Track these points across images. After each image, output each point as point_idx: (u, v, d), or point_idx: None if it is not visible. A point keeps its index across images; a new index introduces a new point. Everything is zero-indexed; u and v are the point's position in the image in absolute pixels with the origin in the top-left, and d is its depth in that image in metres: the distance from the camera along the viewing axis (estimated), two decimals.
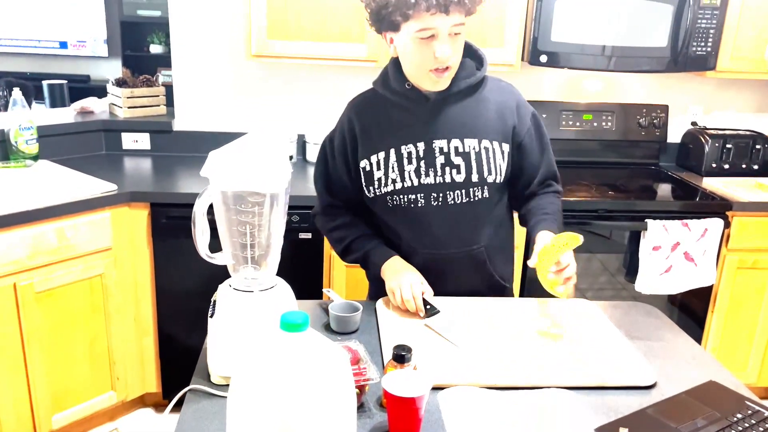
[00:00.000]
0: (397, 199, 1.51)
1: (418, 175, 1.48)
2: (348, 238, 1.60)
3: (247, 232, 1.18)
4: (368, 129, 1.52)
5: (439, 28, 1.34)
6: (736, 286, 2.65)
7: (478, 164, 1.47)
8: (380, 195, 1.52)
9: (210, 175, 1.14)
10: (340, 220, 1.62)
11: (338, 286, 2.47)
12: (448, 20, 1.33)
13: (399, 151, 1.48)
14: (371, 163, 1.51)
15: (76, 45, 5.70)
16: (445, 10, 1.31)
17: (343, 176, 1.57)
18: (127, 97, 2.83)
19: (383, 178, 1.50)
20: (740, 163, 2.89)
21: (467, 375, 1.23)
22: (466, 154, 1.47)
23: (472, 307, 1.51)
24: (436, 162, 1.47)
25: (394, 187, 1.49)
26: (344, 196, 1.60)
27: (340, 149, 1.56)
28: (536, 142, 1.55)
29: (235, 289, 1.21)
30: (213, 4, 2.75)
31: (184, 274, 2.39)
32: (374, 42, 2.50)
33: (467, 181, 1.48)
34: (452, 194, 1.48)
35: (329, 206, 1.63)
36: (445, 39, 1.35)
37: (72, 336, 2.23)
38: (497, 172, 1.50)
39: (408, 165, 1.48)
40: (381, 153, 1.50)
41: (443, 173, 1.47)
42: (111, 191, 2.25)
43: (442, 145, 1.47)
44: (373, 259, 1.57)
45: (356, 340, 1.36)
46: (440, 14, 1.31)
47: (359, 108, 1.56)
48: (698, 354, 1.40)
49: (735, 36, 2.65)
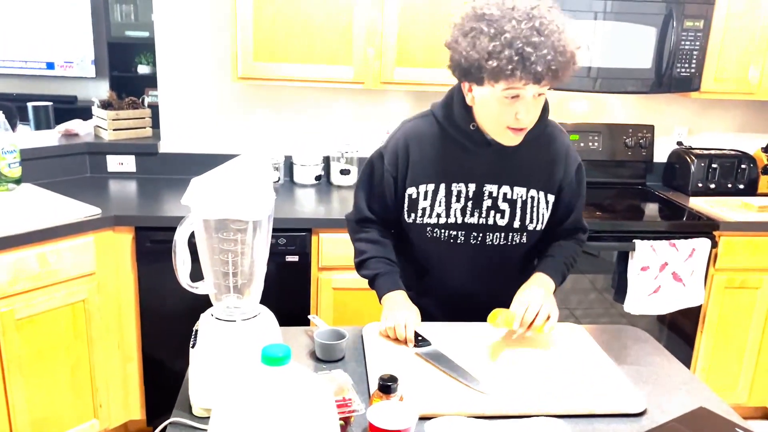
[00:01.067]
0: (438, 232, 1.52)
1: (463, 214, 1.50)
2: (367, 254, 1.60)
3: (229, 260, 1.16)
4: (423, 158, 1.50)
5: (525, 91, 1.32)
6: (725, 305, 2.65)
7: (522, 212, 1.50)
8: (420, 224, 1.53)
9: (191, 203, 1.12)
10: (369, 233, 1.62)
11: (326, 309, 2.45)
12: (537, 87, 1.32)
13: (449, 188, 1.49)
14: (419, 192, 1.51)
15: (63, 66, 5.67)
16: (537, 81, 1.29)
17: (387, 194, 1.56)
18: (113, 119, 2.81)
19: (428, 209, 1.51)
20: (726, 182, 2.91)
21: (454, 404, 1.21)
22: (513, 201, 1.49)
23: (457, 333, 1.49)
24: (483, 204, 1.49)
25: (438, 221, 1.51)
26: (382, 213, 1.60)
27: (390, 169, 1.54)
28: (574, 193, 1.57)
29: (217, 319, 1.18)
30: (199, 26, 2.75)
31: (169, 298, 2.35)
32: (361, 64, 2.50)
33: (509, 227, 1.50)
34: (491, 236, 1.51)
35: (364, 219, 1.63)
36: (529, 102, 1.34)
37: (54, 363, 2.18)
38: (539, 221, 1.53)
39: (455, 203, 1.49)
40: (431, 185, 1.50)
41: (487, 216, 1.50)
42: (95, 215, 2.22)
43: (492, 189, 1.49)
44: (379, 283, 1.58)
45: (342, 369, 1.34)
46: (532, 84, 1.30)
47: (417, 135, 1.52)
48: (688, 379, 1.39)
49: (718, 57, 2.67)
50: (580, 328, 1.56)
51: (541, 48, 1.26)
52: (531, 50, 1.25)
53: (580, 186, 1.57)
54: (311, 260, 2.40)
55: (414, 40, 2.50)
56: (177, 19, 2.73)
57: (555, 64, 1.27)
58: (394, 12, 2.46)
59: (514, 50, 1.26)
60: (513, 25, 1.27)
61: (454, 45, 1.36)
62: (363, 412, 1.12)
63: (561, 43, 1.28)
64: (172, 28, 2.74)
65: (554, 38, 1.27)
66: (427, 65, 2.53)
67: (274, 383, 0.88)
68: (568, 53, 1.29)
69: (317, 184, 2.87)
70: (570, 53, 1.30)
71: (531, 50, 1.25)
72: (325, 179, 2.93)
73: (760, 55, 2.69)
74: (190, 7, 2.72)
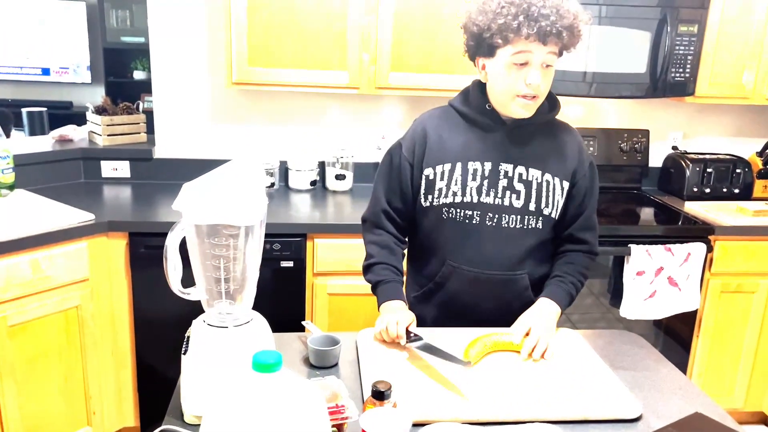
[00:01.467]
0: (453, 212, 1.52)
1: (479, 193, 1.50)
2: (375, 259, 1.62)
3: (221, 266, 1.15)
4: (439, 139, 1.54)
5: (534, 54, 1.40)
6: (721, 310, 2.64)
7: (537, 194, 1.51)
8: (437, 205, 1.54)
9: (182, 209, 1.11)
10: (381, 237, 1.64)
11: (321, 315, 2.44)
12: (544, 49, 1.39)
13: (465, 166, 1.51)
14: (436, 172, 1.53)
15: (59, 72, 5.67)
16: (543, 40, 1.37)
17: (403, 183, 1.58)
18: (107, 125, 2.80)
19: (444, 189, 1.52)
20: (721, 187, 2.91)
21: (448, 410, 1.20)
22: (528, 183, 1.50)
23: (452, 338, 1.48)
24: (498, 184, 1.50)
25: (453, 199, 1.52)
26: (400, 204, 1.61)
27: (407, 155, 1.57)
28: (588, 190, 1.58)
29: (209, 325, 1.17)
30: (194, 31, 2.74)
31: (164, 304, 2.34)
32: (355, 69, 2.50)
33: (524, 209, 1.51)
34: (507, 218, 1.51)
35: (382, 212, 1.63)
36: (537, 67, 1.41)
37: (47, 370, 2.16)
38: (554, 207, 1.53)
39: (471, 181, 1.50)
40: (447, 164, 1.52)
41: (503, 196, 1.50)
42: (88, 221, 2.21)
43: (508, 169, 1.50)
44: (381, 290, 1.58)
45: (335, 375, 1.33)
46: (538, 42, 1.38)
47: (434, 119, 1.58)
48: (684, 384, 1.38)
49: (712, 62, 2.68)
50: (576, 333, 1.55)
51: (546, 7, 1.36)
52: (535, 8, 1.35)
53: (593, 183, 1.59)
54: (306, 266, 2.39)
55: (408, 46, 2.50)
56: (171, 25, 2.73)
57: (559, 23, 1.36)
58: (388, 18, 2.46)
59: (519, 8, 1.36)
60: None
61: (466, 19, 1.47)
62: (356, 418, 1.11)
63: (565, 7, 1.37)
64: (166, 33, 2.74)
65: (557, 2, 1.37)
66: (422, 70, 2.53)
67: (266, 390, 0.88)
68: (571, 16, 1.38)
69: (313, 190, 2.86)
70: (573, 16, 1.38)
71: (535, 8, 1.35)
72: (321, 184, 2.92)
73: (754, 60, 2.69)
74: (185, 13, 2.72)
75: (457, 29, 2.63)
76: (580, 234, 1.61)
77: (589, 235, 1.62)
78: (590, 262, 1.64)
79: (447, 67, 2.53)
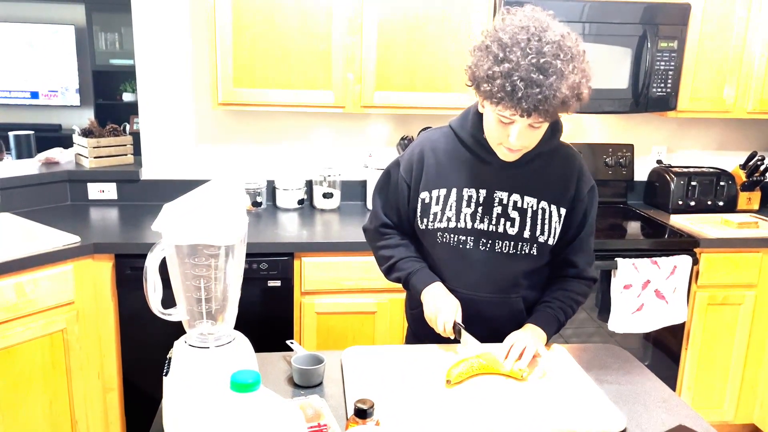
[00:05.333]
0: (447, 237, 1.53)
1: (473, 220, 1.51)
2: (395, 258, 1.63)
3: (202, 286, 1.15)
4: (436, 163, 1.54)
5: (517, 121, 1.34)
6: (708, 322, 2.65)
7: (532, 222, 1.50)
8: (432, 229, 1.55)
9: (162, 229, 1.11)
10: (390, 239, 1.66)
11: (309, 334, 2.43)
12: (528, 120, 1.32)
13: (460, 192, 1.51)
14: (431, 196, 1.54)
15: (48, 95, 5.67)
16: (527, 116, 1.30)
17: (400, 202, 1.60)
18: (93, 147, 2.80)
19: (439, 214, 1.53)
20: (705, 199, 2.93)
21: (433, 427, 1.20)
22: (523, 211, 1.49)
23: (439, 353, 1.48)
24: (493, 211, 1.50)
25: (448, 225, 1.52)
26: (397, 220, 1.64)
27: (404, 176, 1.59)
28: (584, 213, 1.54)
29: (191, 346, 1.17)
30: (180, 53, 2.76)
31: (151, 326, 2.31)
32: (341, 88, 2.52)
33: (518, 236, 1.50)
34: (501, 243, 1.50)
35: (382, 225, 1.66)
36: (523, 129, 1.35)
37: (31, 395, 2.14)
38: (550, 234, 1.51)
39: (466, 207, 1.51)
40: (443, 190, 1.53)
41: (497, 223, 1.50)
42: (74, 243, 2.20)
43: (503, 196, 1.49)
44: (414, 281, 1.59)
45: (319, 394, 1.32)
46: (523, 116, 1.30)
47: (434, 142, 1.57)
48: (668, 397, 1.38)
49: (693, 77, 2.72)
50: (561, 348, 1.55)
51: (535, 86, 1.25)
52: (523, 86, 1.25)
53: (591, 208, 1.55)
54: (294, 285, 2.38)
55: (392, 65, 2.52)
56: (157, 48, 2.75)
57: (545, 104, 1.26)
58: (372, 38, 2.49)
59: (508, 81, 1.27)
60: (517, 56, 1.27)
61: (470, 56, 1.40)
62: None
63: (560, 85, 1.26)
64: (152, 56, 2.76)
65: (553, 79, 1.26)
66: (406, 89, 2.55)
67: (245, 410, 0.87)
68: (563, 96, 1.27)
69: (300, 208, 2.86)
70: (566, 96, 1.27)
71: (523, 86, 1.25)
72: (308, 203, 2.93)
73: (734, 75, 2.73)
74: (171, 36, 2.74)
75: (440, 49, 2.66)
76: (572, 256, 1.57)
77: (581, 258, 1.57)
78: (585, 288, 1.59)
79: (431, 86, 2.56)
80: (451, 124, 1.58)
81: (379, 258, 1.68)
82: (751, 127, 3.20)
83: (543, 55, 1.27)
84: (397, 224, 1.65)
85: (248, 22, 2.43)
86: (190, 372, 1.14)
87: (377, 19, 2.48)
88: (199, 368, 1.14)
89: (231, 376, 0.88)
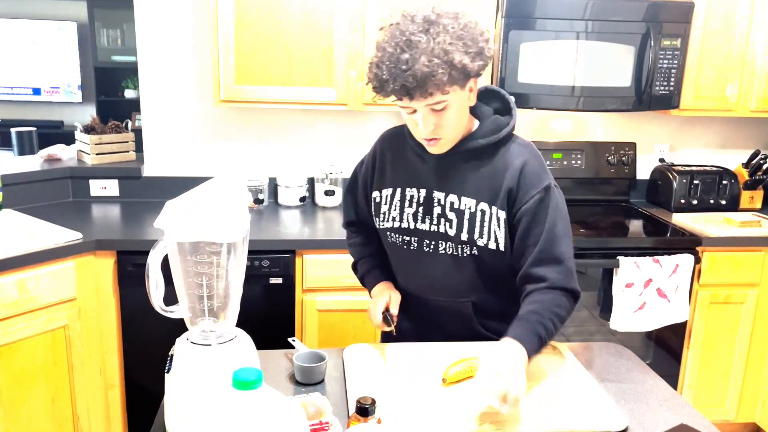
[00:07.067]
0: (394, 236, 1.54)
1: (416, 220, 1.50)
2: (356, 256, 1.72)
3: (204, 284, 1.15)
4: (386, 164, 1.56)
5: (414, 106, 1.33)
6: (710, 321, 2.65)
7: (470, 225, 1.43)
8: (382, 228, 1.57)
9: (165, 226, 1.11)
10: (357, 238, 1.73)
11: (311, 331, 2.43)
12: (420, 102, 1.30)
13: (403, 192, 1.52)
14: (381, 196, 1.56)
15: (50, 91, 5.67)
16: (408, 98, 1.29)
17: (362, 200, 1.65)
18: (95, 144, 2.80)
19: (386, 213, 1.54)
20: (708, 198, 2.93)
21: (434, 426, 1.20)
22: (461, 212, 1.44)
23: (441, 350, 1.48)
24: (433, 211, 1.49)
25: (393, 224, 1.53)
26: (363, 217, 1.67)
27: (363, 174, 1.63)
28: (533, 218, 1.40)
29: (193, 343, 1.17)
30: (182, 50, 2.76)
31: (152, 322, 2.30)
32: (343, 86, 2.52)
33: (456, 238, 1.45)
34: (444, 245, 1.48)
35: (349, 223, 1.74)
36: (426, 115, 1.33)
37: (33, 391, 2.14)
38: (491, 238, 1.42)
39: (408, 207, 1.51)
40: (390, 189, 1.54)
41: (438, 223, 1.48)
42: (75, 240, 2.20)
43: (440, 197, 1.47)
44: (366, 282, 1.68)
45: (321, 391, 1.32)
46: (406, 99, 1.30)
47: (387, 141, 1.60)
48: (670, 396, 1.38)
49: (696, 75, 2.71)
50: (562, 346, 1.55)
51: (399, 65, 1.26)
52: (386, 68, 1.28)
53: (545, 210, 1.39)
54: (295, 282, 2.38)
55: None
56: (160, 44, 2.75)
57: (411, 80, 1.25)
58: (374, 35, 2.48)
59: (378, 68, 1.30)
60: (389, 43, 1.30)
61: None
62: None
63: (419, 56, 1.25)
64: (155, 52, 2.75)
65: (412, 53, 1.25)
66: None
67: (246, 408, 0.87)
68: (426, 66, 1.24)
69: (302, 206, 2.86)
70: (430, 66, 1.24)
71: (386, 68, 1.28)
72: (310, 200, 2.92)
73: (737, 73, 2.73)
74: (173, 32, 2.74)
75: None
76: (536, 271, 1.39)
77: (550, 270, 1.38)
78: (564, 300, 1.39)
79: None
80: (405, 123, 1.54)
81: (351, 254, 1.75)
82: (754, 126, 3.19)
83: (411, 33, 1.28)
84: (363, 221, 1.68)
85: (251, 18, 2.43)
86: (192, 369, 1.14)
87: (379, 16, 2.47)
88: (200, 365, 1.14)
89: (233, 373, 0.87)
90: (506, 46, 2.54)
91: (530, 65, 2.57)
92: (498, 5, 2.53)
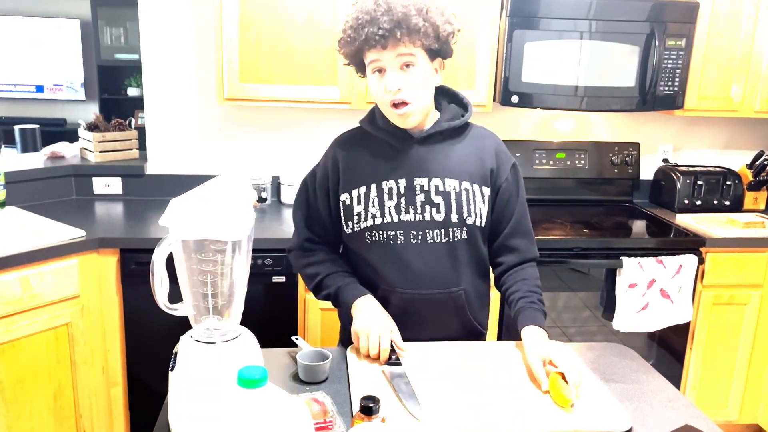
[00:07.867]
0: (376, 234, 1.50)
1: (398, 212, 1.48)
2: (321, 274, 1.57)
3: (208, 281, 1.15)
4: (352, 163, 1.53)
5: (384, 60, 1.39)
6: (713, 322, 2.64)
7: (458, 205, 1.47)
8: (359, 230, 1.51)
9: (169, 224, 1.11)
10: (315, 256, 1.60)
11: (313, 330, 2.43)
12: (392, 52, 1.37)
13: (380, 187, 1.49)
14: (352, 197, 1.51)
15: (53, 89, 5.68)
16: (381, 44, 1.36)
17: (323, 211, 1.57)
18: (99, 141, 2.80)
19: (363, 213, 1.50)
20: (712, 199, 2.92)
21: (438, 425, 1.19)
22: (446, 194, 1.47)
23: (443, 352, 1.47)
24: (416, 200, 1.47)
25: (374, 222, 1.49)
26: (322, 231, 1.59)
27: (321, 183, 1.57)
28: (513, 192, 1.55)
29: (197, 341, 1.17)
30: (185, 48, 2.76)
31: (155, 320, 2.32)
32: (347, 84, 2.52)
33: (446, 221, 1.47)
34: (431, 233, 1.47)
35: (307, 240, 1.60)
36: (394, 71, 1.39)
37: (36, 388, 2.14)
38: (477, 215, 1.49)
39: (388, 201, 1.48)
40: (362, 187, 1.50)
41: (423, 211, 1.47)
42: (79, 237, 2.21)
43: (423, 183, 1.47)
44: (344, 296, 1.53)
45: (324, 390, 1.32)
46: (379, 49, 1.37)
47: (345, 144, 1.58)
48: (674, 396, 1.38)
49: (701, 75, 2.71)
50: (566, 346, 1.54)
51: (375, 13, 1.35)
52: (364, 16, 1.36)
53: (518, 186, 1.55)
54: (298, 280, 2.38)
55: None
56: (163, 42, 2.75)
57: (386, 25, 1.34)
58: None
59: (354, 21, 1.38)
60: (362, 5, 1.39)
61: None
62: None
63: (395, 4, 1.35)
64: (158, 50, 2.76)
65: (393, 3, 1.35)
66: None
67: (251, 406, 0.87)
68: (399, 13, 1.34)
69: None
70: (405, 14, 1.34)
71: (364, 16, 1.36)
72: None
73: (742, 73, 2.72)
74: (177, 30, 2.74)
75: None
76: (511, 242, 1.56)
77: (521, 242, 1.56)
78: (536, 270, 1.58)
79: None
80: (360, 123, 1.57)
81: (306, 277, 1.61)
82: (758, 127, 3.18)
83: None
84: (322, 236, 1.59)
85: (254, 17, 2.42)
86: (196, 367, 1.14)
87: None
88: (205, 363, 1.14)
89: (238, 371, 0.87)
90: (510, 46, 2.53)
91: (534, 65, 2.57)
92: (502, 4, 2.53)
